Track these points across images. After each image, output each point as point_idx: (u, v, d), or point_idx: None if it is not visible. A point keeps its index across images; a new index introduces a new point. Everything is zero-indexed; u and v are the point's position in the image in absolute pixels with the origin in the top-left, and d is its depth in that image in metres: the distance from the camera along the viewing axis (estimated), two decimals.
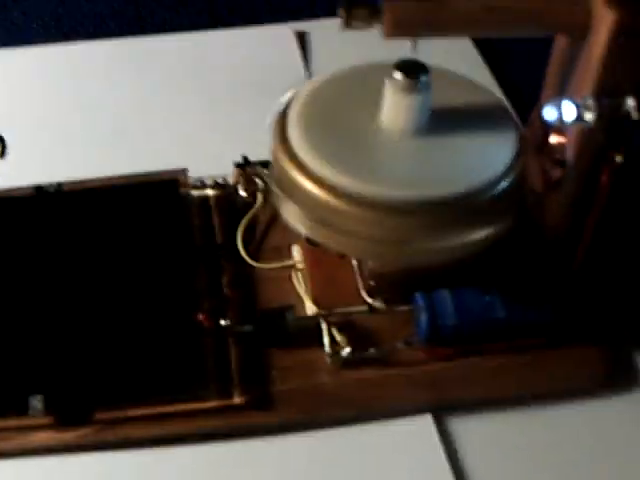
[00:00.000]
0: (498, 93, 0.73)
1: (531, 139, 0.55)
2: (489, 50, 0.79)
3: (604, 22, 0.47)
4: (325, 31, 0.82)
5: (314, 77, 0.76)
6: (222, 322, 0.54)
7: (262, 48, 0.81)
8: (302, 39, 0.82)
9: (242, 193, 0.63)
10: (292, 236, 0.57)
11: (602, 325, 0.57)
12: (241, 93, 0.76)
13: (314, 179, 0.50)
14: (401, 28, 0.48)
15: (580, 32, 0.49)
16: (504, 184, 0.50)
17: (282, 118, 0.53)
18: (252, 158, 0.64)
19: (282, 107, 0.54)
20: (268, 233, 0.62)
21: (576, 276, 0.56)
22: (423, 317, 0.54)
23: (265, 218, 0.62)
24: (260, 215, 0.62)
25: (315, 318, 0.56)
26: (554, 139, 0.53)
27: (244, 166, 0.64)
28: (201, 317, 0.54)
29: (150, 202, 0.63)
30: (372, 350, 0.54)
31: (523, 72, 0.76)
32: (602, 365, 0.56)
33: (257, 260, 0.60)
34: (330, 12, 0.82)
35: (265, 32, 0.83)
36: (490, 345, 0.55)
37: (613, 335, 0.58)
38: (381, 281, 0.57)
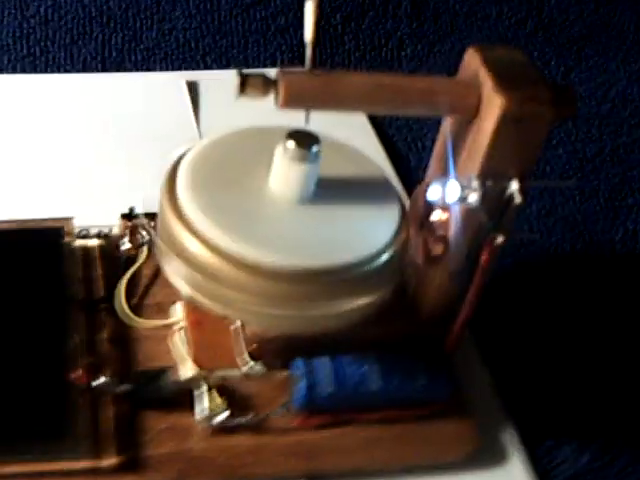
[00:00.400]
0: (388, 167, 0.75)
1: (414, 214, 0.56)
2: (381, 123, 0.80)
3: (492, 107, 0.48)
4: (216, 82, 0.81)
5: (203, 129, 0.76)
6: (97, 380, 0.53)
7: (153, 95, 0.80)
8: (193, 89, 0.81)
9: (126, 245, 0.62)
10: (176, 293, 0.55)
11: (473, 401, 0.58)
12: (131, 141, 0.75)
13: (200, 239, 0.49)
14: (295, 100, 0.48)
15: (469, 115, 0.50)
16: (385, 256, 0.51)
17: (172, 173, 0.52)
18: (140, 209, 0.63)
19: (174, 162, 0.53)
20: (151, 289, 0.60)
21: (451, 351, 0.57)
22: (301, 384, 0.54)
23: (149, 273, 0.61)
24: (144, 269, 0.61)
25: (193, 380, 0.55)
26: (437, 216, 0.54)
27: (130, 217, 0.63)
28: (76, 374, 0.53)
29: (31, 251, 0.60)
30: (248, 416, 0.54)
31: (412, 136, 0.78)
32: (472, 440, 0.56)
33: (139, 316, 0.59)
34: (221, 63, 0.83)
35: (156, 79, 0.82)
36: (364, 415, 0.55)
37: (483, 411, 0.59)
38: (263, 345, 0.56)
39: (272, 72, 0.48)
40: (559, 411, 0.61)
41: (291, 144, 0.50)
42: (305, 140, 0.50)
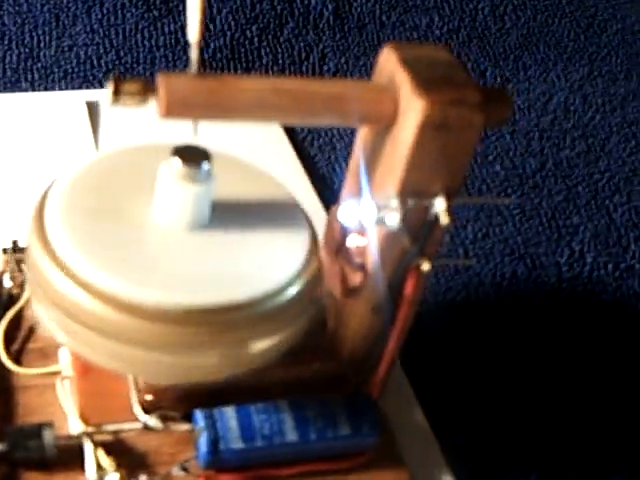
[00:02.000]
0: (306, 184, 0.68)
1: (330, 240, 0.49)
2: (297, 129, 0.74)
3: (411, 112, 0.42)
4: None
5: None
6: None
7: (50, 117, 0.73)
8: (92, 109, 0.74)
9: (8, 283, 0.55)
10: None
11: (407, 447, 0.52)
12: (24, 166, 0.68)
13: (71, 277, 0.42)
14: (179, 108, 0.41)
15: (385, 123, 0.44)
16: (293, 290, 0.44)
17: (42, 202, 0.45)
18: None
19: (44, 190, 0.46)
20: (34, 332, 0.53)
21: (378, 394, 0.50)
22: (203, 439, 0.47)
23: (32, 314, 0.53)
24: (27, 310, 0.54)
25: (80, 437, 0.48)
26: (353, 241, 0.47)
27: (14, 251, 0.55)
28: None
29: None
30: (143, 477, 0.47)
31: (335, 156, 0.71)
32: None
33: (20, 363, 0.52)
34: None
35: (55, 99, 0.75)
36: (282, 470, 0.48)
37: (419, 458, 0.52)
38: (159, 395, 0.49)
39: None
40: (503, 455, 0.55)
41: (177, 162, 0.43)
42: (194, 157, 0.43)
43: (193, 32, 0.41)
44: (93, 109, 0.73)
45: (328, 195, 0.67)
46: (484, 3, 0.90)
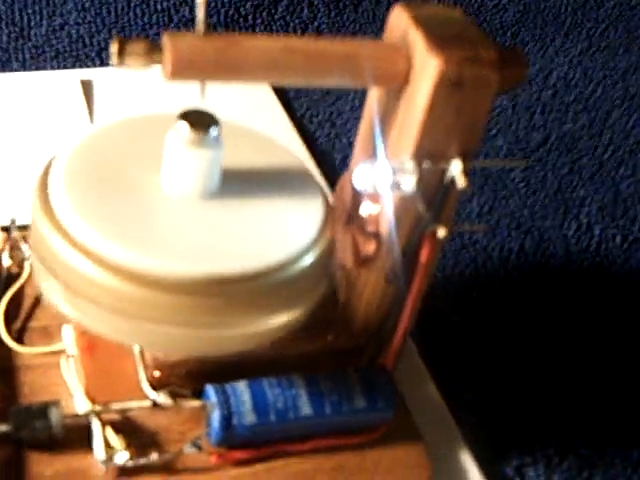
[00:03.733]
0: (304, 155, 0.67)
1: (340, 208, 0.48)
2: (296, 106, 0.72)
3: (426, 71, 0.41)
4: (113, 80, 0.73)
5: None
6: None
7: (43, 96, 0.71)
8: (87, 88, 0.72)
9: (7, 261, 0.53)
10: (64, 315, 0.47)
11: (421, 421, 0.51)
12: (19, 146, 0.66)
13: (79, 248, 0.40)
14: (186, 69, 0.40)
15: (399, 83, 0.42)
16: (307, 260, 0.42)
17: (45, 175, 0.44)
18: (24, 220, 0.54)
19: (47, 162, 0.45)
20: (36, 310, 0.52)
21: (392, 366, 0.49)
22: (215, 415, 0.45)
23: (33, 292, 0.52)
24: (28, 288, 0.52)
25: (87, 416, 0.46)
26: (366, 209, 0.46)
27: (11, 230, 0.54)
28: None
29: None
30: (154, 455, 0.45)
31: (335, 132, 0.70)
32: (423, 467, 0.48)
33: (22, 343, 0.50)
34: None
35: (47, 79, 0.73)
36: (294, 446, 0.47)
37: (433, 432, 0.51)
38: (167, 371, 0.48)
39: None
40: (519, 428, 0.54)
41: (184, 127, 0.41)
42: (201, 122, 0.42)
43: None
44: (88, 88, 0.71)
45: (329, 171, 0.65)
46: None
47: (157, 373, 0.48)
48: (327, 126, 0.70)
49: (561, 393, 0.56)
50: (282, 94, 0.72)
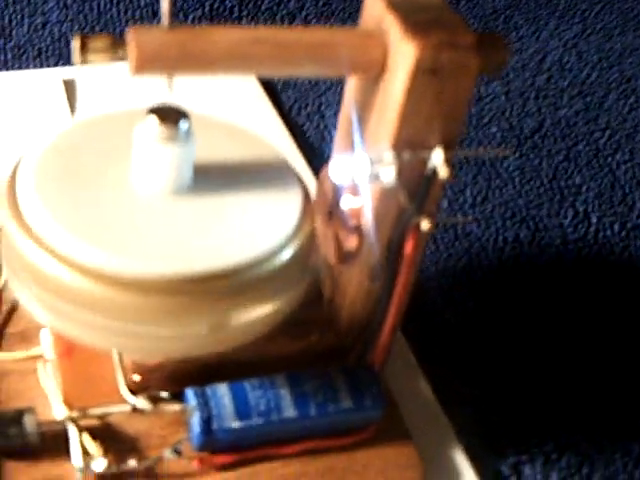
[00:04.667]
0: (293, 148, 0.66)
1: (322, 202, 0.46)
2: (284, 98, 0.71)
3: (402, 57, 0.39)
4: (97, 79, 0.71)
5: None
6: None
7: (25, 96, 0.69)
8: (69, 88, 0.70)
9: None
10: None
11: (412, 420, 0.49)
12: (1, 145, 0.65)
13: (47, 249, 0.39)
14: (151, 63, 0.38)
15: (374, 72, 0.41)
16: (284, 256, 0.41)
17: (13, 177, 0.42)
18: None
19: (16, 162, 0.43)
20: (14, 314, 0.50)
21: (380, 364, 0.47)
22: (195, 419, 0.44)
23: (10, 296, 0.50)
24: (4, 293, 0.51)
25: (64, 422, 0.45)
26: (347, 203, 0.44)
27: None
28: None
29: None
30: (133, 461, 0.44)
31: (324, 124, 0.68)
32: (415, 467, 0.47)
33: None
34: None
35: (29, 78, 0.72)
36: (281, 449, 0.45)
37: (426, 431, 0.49)
38: (147, 375, 0.46)
39: None
40: (515, 424, 0.52)
41: (153, 122, 0.40)
42: (171, 116, 0.40)
43: None
44: (70, 87, 0.70)
45: (318, 163, 0.64)
46: None
47: (137, 377, 0.47)
48: (316, 118, 0.69)
49: (558, 387, 0.54)
50: (269, 86, 0.70)
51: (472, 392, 0.53)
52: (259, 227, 0.41)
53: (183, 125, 0.40)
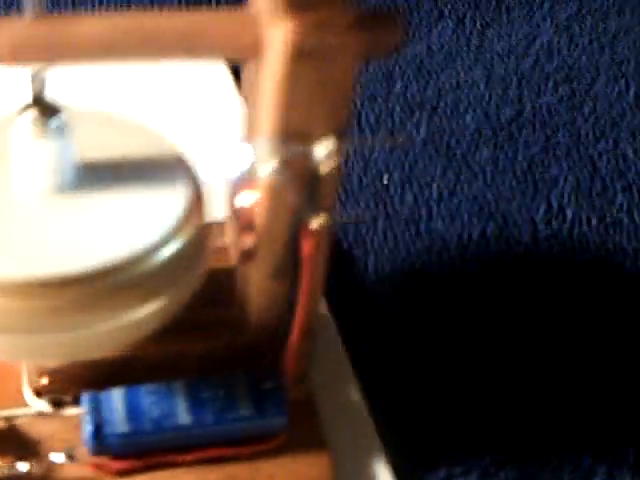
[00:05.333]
0: None
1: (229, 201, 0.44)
2: None
3: (274, 41, 0.36)
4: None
5: None
6: None
7: None
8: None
9: None
10: None
11: (334, 427, 0.47)
12: None
13: None
14: (21, 53, 0.37)
15: (250, 57, 0.38)
16: (163, 253, 0.39)
17: None
18: None
19: None
20: None
21: (291, 369, 0.45)
22: (87, 424, 0.43)
23: None
24: None
25: None
26: (238, 199, 0.42)
27: None
28: None
29: None
30: (23, 466, 0.43)
31: None
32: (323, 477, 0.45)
33: None
34: None
35: None
36: (180, 456, 0.43)
37: (346, 440, 0.47)
38: (51, 377, 0.45)
39: None
40: (449, 434, 0.49)
41: (26, 119, 0.39)
42: (44, 111, 0.39)
43: None
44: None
45: None
46: None
47: (44, 380, 0.45)
48: None
49: (501, 395, 0.50)
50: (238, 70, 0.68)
51: (406, 397, 0.50)
52: (138, 224, 0.39)
53: (54, 121, 0.39)
